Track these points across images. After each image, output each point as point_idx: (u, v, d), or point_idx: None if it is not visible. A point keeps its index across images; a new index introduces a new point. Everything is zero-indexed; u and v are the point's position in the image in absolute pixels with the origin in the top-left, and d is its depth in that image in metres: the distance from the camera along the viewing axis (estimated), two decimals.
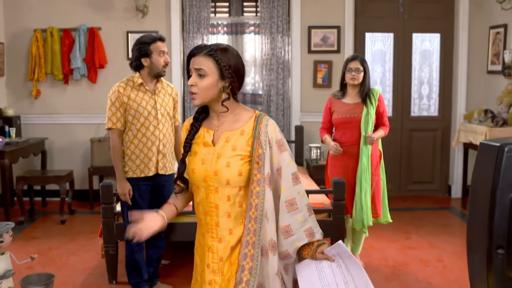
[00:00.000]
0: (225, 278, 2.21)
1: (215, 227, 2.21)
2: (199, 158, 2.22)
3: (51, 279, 2.04)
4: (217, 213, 2.20)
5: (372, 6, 7.16)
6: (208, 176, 2.19)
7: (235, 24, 7.19)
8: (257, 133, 2.19)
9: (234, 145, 2.19)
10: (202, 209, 2.25)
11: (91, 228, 5.91)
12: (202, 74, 2.16)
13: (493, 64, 6.82)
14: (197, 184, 2.24)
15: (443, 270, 4.77)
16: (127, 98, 3.93)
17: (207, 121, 2.28)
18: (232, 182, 2.17)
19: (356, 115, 4.59)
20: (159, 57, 3.91)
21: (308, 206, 2.26)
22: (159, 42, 3.92)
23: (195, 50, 2.19)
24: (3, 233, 1.99)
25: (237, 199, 2.20)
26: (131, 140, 3.99)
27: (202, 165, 2.20)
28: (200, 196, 2.25)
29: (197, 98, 2.18)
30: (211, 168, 2.19)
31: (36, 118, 7.03)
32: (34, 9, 6.91)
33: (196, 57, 2.17)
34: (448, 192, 7.49)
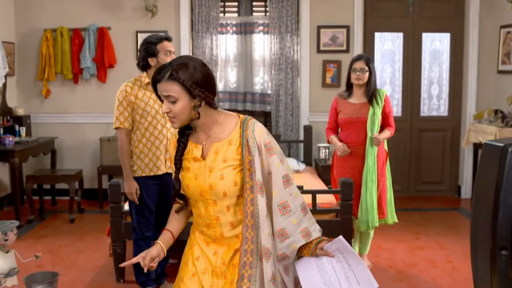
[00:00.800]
0: (228, 281, 2.22)
1: (220, 237, 2.23)
2: (191, 173, 2.21)
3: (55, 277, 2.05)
4: (219, 224, 2.21)
5: (381, 6, 7.13)
6: (204, 190, 2.18)
7: (244, 23, 7.19)
8: (245, 140, 2.16)
9: (224, 156, 2.17)
10: (203, 222, 2.25)
11: (99, 227, 5.94)
12: (172, 101, 2.11)
13: (504, 63, 6.77)
14: (194, 198, 2.24)
15: (452, 271, 4.74)
16: (134, 98, 3.94)
17: (193, 135, 2.25)
18: (229, 194, 2.17)
19: (362, 115, 4.57)
20: (165, 56, 3.91)
21: (302, 207, 2.23)
22: (165, 41, 3.94)
23: (157, 76, 2.11)
24: (8, 231, 2.00)
25: (237, 208, 2.20)
26: (139, 139, 4.01)
27: (196, 180, 2.19)
28: (199, 210, 2.25)
29: (176, 122, 2.15)
30: (205, 182, 2.17)
31: (46, 118, 7.07)
32: (44, 9, 6.95)
33: (161, 84, 2.10)
34: (458, 192, 7.44)
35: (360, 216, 4.60)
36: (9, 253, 2.02)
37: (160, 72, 2.11)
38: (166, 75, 2.09)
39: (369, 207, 4.56)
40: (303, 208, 2.23)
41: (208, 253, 2.26)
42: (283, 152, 7.22)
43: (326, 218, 4.48)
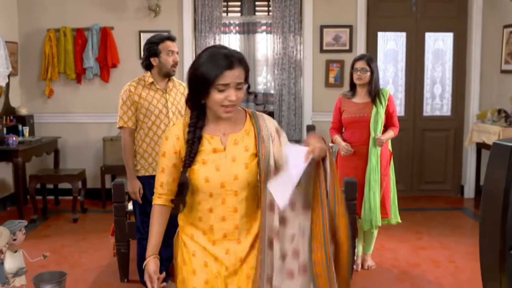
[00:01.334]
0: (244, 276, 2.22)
1: (234, 230, 2.21)
2: (211, 165, 2.17)
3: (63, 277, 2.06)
4: (237, 216, 2.20)
5: (384, 5, 7.13)
6: (226, 181, 2.16)
7: (247, 23, 7.20)
8: (259, 130, 2.22)
9: (245, 146, 2.20)
10: (216, 216, 2.21)
11: (103, 227, 5.94)
12: (240, 88, 2.12)
13: (507, 63, 6.76)
14: (209, 192, 2.18)
15: (455, 271, 4.74)
16: (138, 97, 3.94)
17: (206, 127, 2.22)
18: (251, 183, 2.20)
19: (366, 115, 4.57)
20: (167, 56, 3.92)
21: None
22: (168, 41, 3.94)
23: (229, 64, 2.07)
24: (16, 231, 2.01)
25: (251, 199, 2.23)
26: (143, 139, 4.01)
27: (217, 171, 2.16)
28: (212, 204, 2.20)
29: (233, 111, 2.15)
30: (229, 172, 2.17)
31: (49, 117, 7.08)
32: (47, 9, 6.96)
33: (234, 70, 2.08)
34: (460, 192, 7.44)
35: (363, 216, 4.60)
36: (17, 253, 2.03)
37: (235, 56, 2.10)
38: (239, 61, 2.10)
39: (372, 206, 4.56)
40: None
41: (217, 253, 2.22)
42: None
43: None
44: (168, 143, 2.22)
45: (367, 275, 4.67)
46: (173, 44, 3.97)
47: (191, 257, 2.24)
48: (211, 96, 2.11)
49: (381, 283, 4.51)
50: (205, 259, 2.23)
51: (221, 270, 2.22)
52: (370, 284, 4.49)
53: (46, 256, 2.10)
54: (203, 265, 2.23)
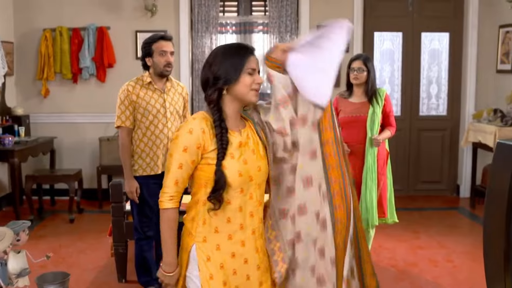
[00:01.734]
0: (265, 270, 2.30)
1: (259, 224, 2.26)
2: (240, 159, 2.17)
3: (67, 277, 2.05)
4: (260, 209, 2.26)
5: (381, 5, 7.15)
6: (253, 174, 2.20)
7: (244, 23, 7.20)
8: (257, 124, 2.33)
9: (254, 138, 2.27)
10: (246, 213, 2.20)
11: (99, 227, 5.93)
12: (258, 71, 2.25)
13: (503, 63, 6.79)
14: (241, 187, 2.17)
15: (453, 270, 4.76)
16: (136, 97, 3.94)
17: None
18: (268, 173, 2.29)
19: (362, 114, 4.58)
20: (160, 56, 3.90)
21: None
22: (160, 41, 3.91)
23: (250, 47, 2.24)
24: (20, 231, 2.00)
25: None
26: (141, 138, 4.00)
27: (246, 165, 2.18)
28: (241, 200, 2.19)
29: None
30: (254, 164, 2.22)
31: (45, 117, 7.05)
32: (43, 8, 6.94)
33: (255, 55, 2.23)
34: (456, 192, 7.46)
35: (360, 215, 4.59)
36: (20, 253, 2.03)
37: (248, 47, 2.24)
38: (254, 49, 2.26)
39: (368, 206, 4.56)
40: None
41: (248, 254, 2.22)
42: None
43: None
44: (191, 137, 2.12)
45: None
46: (167, 43, 3.93)
47: (219, 269, 2.17)
48: (241, 82, 2.17)
49: (380, 283, 4.50)
50: (234, 266, 2.19)
51: (250, 272, 2.22)
52: None
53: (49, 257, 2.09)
54: (232, 273, 2.19)
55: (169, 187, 2.16)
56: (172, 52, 3.96)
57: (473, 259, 5.01)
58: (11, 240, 1.92)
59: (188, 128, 2.13)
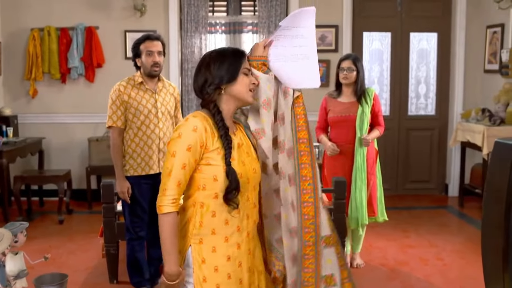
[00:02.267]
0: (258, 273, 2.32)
1: (253, 226, 2.26)
2: (238, 161, 2.18)
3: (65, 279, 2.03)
4: (255, 211, 2.27)
5: (370, 6, 7.18)
6: (250, 176, 2.21)
7: (233, 23, 7.19)
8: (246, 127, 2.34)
9: (248, 142, 2.29)
10: (243, 215, 2.20)
11: (89, 228, 5.90)
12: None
13: (490, 63, 6.86)
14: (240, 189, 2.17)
15: (443, 269, 4.79)
16: (127, 97, 3.93)
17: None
18: (260, 175, 2.30)
19: (351, 114, 4.60)
20: (147, 57, 3.90)
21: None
22: (147, 41, 3.91)
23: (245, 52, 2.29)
24: (18, 233, 1.99)
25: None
26: (132, 139, 3.99)
27: (244, 166, 2.19)
28: (240, 203, 2.18)
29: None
30: (250, 167, 2.22)
31: (33, 118, 6.99)
32: (31, 8, 6.87)
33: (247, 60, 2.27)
34: (445, 191, 7.51)
35: (350, 214, 4.63)
36: (18, 255, 2.01)
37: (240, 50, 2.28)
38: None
39: (358, 205, 4.59)
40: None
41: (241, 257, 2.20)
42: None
43: None
44: (195, 135, 2.08)
45: (357, 274, 4.68)
46: (153, 43, 3.92)
47: (213, 272, 2.15)
48: (239, 82, 2.19)
49: (371, 282, 4.54)
50: (228, 270, 2.17)
51: (243, 276, 2.21)
52: (360, 283, 4.50)
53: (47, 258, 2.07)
54: (226, 277, 2.17)
55: (171, 189, 2.06)
56: (159, 51, 3.94)
57: (463, 258, 5.06)
58: (9, 241, 1.91)
59: (192, 126, 2.08)
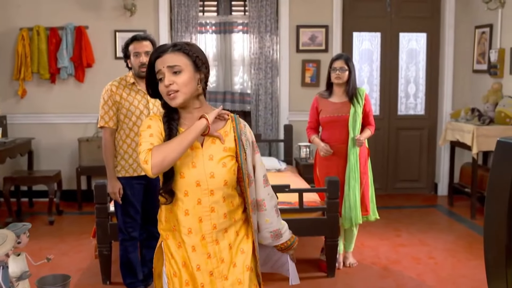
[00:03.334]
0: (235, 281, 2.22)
1: (212, 230, 2.17)
2: (187, 161, 2.13)
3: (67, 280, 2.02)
4: (214, 216, 2.16)
5: (359, 6, 7.21)
6: (202, 179, 2.13)
7: (224, 23, 7.18)
8: (239, 133, 2.22)
9: (224, 146, 2.19)
10: (193, 217, 2.15)
11: (80, 229, 5.87)
12: (178, 71, 2.11)
13: (479, 63, 6.92)
14: (185, 189, 2.14)
15: (435, 267, 4.82)
16: (119, 97, 3.92)
17: (181, 123, 2.20)
18: (229, 182, 2.18)
19: (344, 114, 4.61)
20: (134, 58, 3.90)
21: (276, 208, 2.35)
22: (134, 42, 3.91)
23: (161, 49, 2.14)
24: (20, 234, 1.97)
25: (230, 198, 2.21)
26: (124, 139, 3.97)
27: (193, 168, 2.13)
28: (187, 204, 2.15)
29: (178, 96, 2.12)
30: (206, 170, 2.14)
31: (22, 118, 6.93)
32: (20, 7, 6.82)
33: (166, 56, 2.12)
34: (434, 190, 7.57)
35: (343, 214, 4.65)
36: (20, 256, 2.00)
37: (162, 47, 2.14)
38: (171, 47, 2.14)
39: (352, 204, 4.61)
40: (276, 209, 2.36)
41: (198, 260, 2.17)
42: (263, 151, 7.17)
43: (312, 216, 4.52)
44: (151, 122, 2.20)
45: (350, 273, 4.71)
46: (140, 44, 3.89)
47: (181, 267, 2.18)
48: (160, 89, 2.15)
49: (364, 280, 4.56)
50: (190, 269, 2.19)
51: (206, 279, 2.18)
52: (353, 282, 4.54)
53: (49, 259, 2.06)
54: (194, 273, 2.18)
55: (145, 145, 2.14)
56: (147, 52, 3.89)
57: (454, 256, 5.10)
58: (13, 242, 1.90)
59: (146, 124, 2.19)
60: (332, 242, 4.53)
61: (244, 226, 2.29)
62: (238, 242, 2.24)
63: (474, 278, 4.55)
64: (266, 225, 2.31)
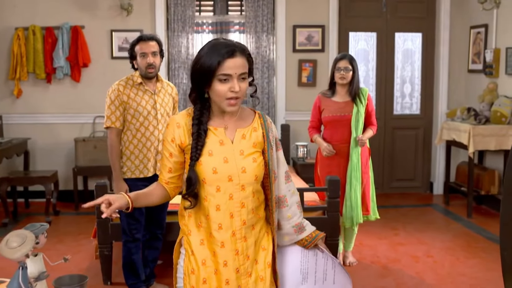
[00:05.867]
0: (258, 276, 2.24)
1: (241, 226, 2.18)
2: (219, 157, 2.14)
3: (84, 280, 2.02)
4: (244, 211, 2.18)
5: (355, 6, 7.23)
6: (234, 174, 2.14)
7: (220, 23, 7.19)
8: (267, 130, 2.24)
9: (254, 142, 2.21)
10: (224, 213, 2.16)
11: (77, 229, 5.85)
12: (244, 77, 2.10)
13: (474, 63, 6.97)
14: (217, 185, 2.14)
15: (434, 266, 4.86)
16: (126, 97, 3.89)
17: (210, 121, 2.20)
18: (258, 178, 2.21)
19: (347, 113, 4.63)
20: (141, 58, 3.88)
21: (298, 204, 2.37)
22: (140, 43, 3.89)
23: (230, 52, 2.04)
24: (39, 234, 1.97)
25: (257, 194, 2.24)
26: (130, 140, 3.95)
27: (226, 163, 2.14)
28: (219, 199, 2.15)
29: (238, 104, 2.12)
30: (238, 165, 2.15)
31: (18, 118, 6.89)
32: (16, 7, 6.77)
33: (238, 59, 2.06)
34: (430, 189, 7.61)
35: (344, 213, 4.66)
36: (37, 257, 1.99)
37: (233, 47, 2.07)
38: (241, 49, 2.09)
39: (353, 204, 4.63)
40: (299, 205, 2.37)
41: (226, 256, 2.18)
42: None
43: (313, 216, 4.52)
44: (167, 131, 2.21)
45: (350, 272, 4.65)
46: (146, 45, 3.87)
47: (201, 265, 2.19)
48: (214, 89, 2.09)
49: (364, 279, 4.59)
50: (215, 266, 2.19)
51: (232, 275, 2.19)
52: (353, 281, 4.45)
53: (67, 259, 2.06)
54: (213, 272, 2.19)
55: (164, 173, 2.26)
56: (154, 52, 3.89)
57: (453, 255, 5.13)
58: (33, 243, 1.90)
59: (167, 122, 2.24)
60: (332, 241, 4.53)
61: (265, 223, 2.30)
62: (260, 239, 2.26)
63: (473, 276, 4.59)
64: (288, 220, 2.31)
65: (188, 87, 7.03)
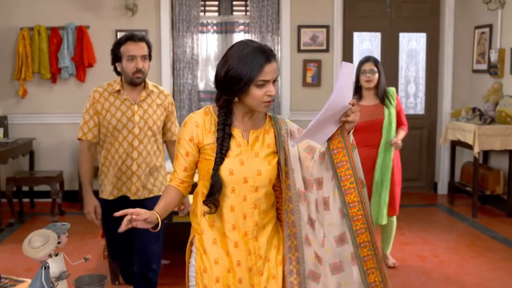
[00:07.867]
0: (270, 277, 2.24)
1: (254, 227, 2.21)
2: (235, 159, 2.16)
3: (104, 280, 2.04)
4: (257, 212, 2.20)
5: (360, 6, 7.24)
6: (249, 176, 2.17)
7: (225, 23, 7.20)
8: (278, 130, 2.26)
9: (267, 143, 2.23)
10: (238, 214, 2.19)
11: (84, 229, 5.84)
12: (276, 80, 2.16)
13: (478, 63, 6.98)
14: (232, 186, 2.16)
15: (441, 265, 4.87)
16: (101, 106, 3.35)
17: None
18: (272, 180, 2.23)
19: (379, 117, 4.53)
20: (128, 62, 3.28)
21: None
22: (128, 43, 3.30)
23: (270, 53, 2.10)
24: (60, 234, 1.98)
25: (269, 196, 2.26)
26: (105, 156, 3.43)
27: (241, 165, 2.16)
28: (233, 201, 2.18)
29: (270, 104, 2.18)
30: (253, 167, 2.18)
31: (23, 118, 6.90)
32: (20, 7, 6.79)
33: (273, 63, 2.11)
34: (434, 189, 7.62)
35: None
36: (58, 256, 2.01)
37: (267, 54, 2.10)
38: (273, 55, 2.13)
39: (382, 204, 4.61)
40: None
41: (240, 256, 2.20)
42: None
43: None
44: (185, 130, 2.20)
45: None
46: (136, 46, 3.29)
47: (213, 264, 2.21)
48: (250, 94, 2.11)
49: None
50: (229, 265, 2.21)
51: (245, 275, 2.21)
52: None
53: (87, 259, 2.07)
54: (226, 271, 2.21)
55: (178, 172, 2.26)
56: (143, 56, 3.32)
57: (458, 254, 5.14)
58: (55, 243, 1.92)
59: (185, 121, 2.22)
60: None
61: (276, 222, 2.32)
62: (271, 237, 2.28)
63: (480, 276, 4.60)
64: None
65: (193, 87, 7.05)
